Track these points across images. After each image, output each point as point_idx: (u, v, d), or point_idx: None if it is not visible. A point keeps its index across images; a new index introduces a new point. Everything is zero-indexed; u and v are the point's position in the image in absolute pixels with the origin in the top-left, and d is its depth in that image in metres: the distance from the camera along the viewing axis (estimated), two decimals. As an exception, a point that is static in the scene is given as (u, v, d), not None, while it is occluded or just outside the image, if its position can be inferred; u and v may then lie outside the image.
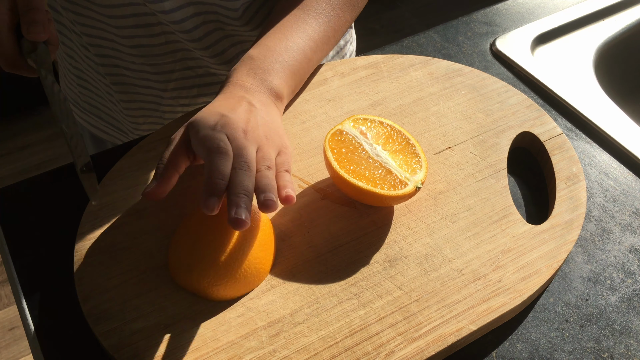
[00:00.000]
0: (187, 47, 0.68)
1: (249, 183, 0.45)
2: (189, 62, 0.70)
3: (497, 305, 0.47)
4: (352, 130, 0.54)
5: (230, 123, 0.48)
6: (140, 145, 0.59)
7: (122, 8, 0.62)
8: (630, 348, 0.48)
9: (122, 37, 0.66)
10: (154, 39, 0.66)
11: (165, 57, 0.69)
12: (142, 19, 0.64)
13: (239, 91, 0.53)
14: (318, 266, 0.49)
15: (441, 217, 0.53)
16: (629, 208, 0.57)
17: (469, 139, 0.60)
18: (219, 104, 0.51)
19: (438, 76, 0.66)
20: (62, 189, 0.58)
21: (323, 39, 0.60)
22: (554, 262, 0.50)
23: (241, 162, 0.46)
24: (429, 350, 0.44)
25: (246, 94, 0.53)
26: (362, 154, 0.52)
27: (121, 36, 0.66)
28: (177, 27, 0.64)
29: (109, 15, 0.63)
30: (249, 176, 0.45)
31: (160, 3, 0.60)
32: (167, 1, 0.60)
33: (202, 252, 0.46)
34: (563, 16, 0.78)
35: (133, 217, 0.53)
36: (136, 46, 0.67)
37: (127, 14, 0.63)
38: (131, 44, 0.66)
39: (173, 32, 0.66)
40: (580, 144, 0.63)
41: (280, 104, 0.56)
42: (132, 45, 0.67)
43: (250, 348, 0.45)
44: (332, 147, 0.52)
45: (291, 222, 0.53)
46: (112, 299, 0.47)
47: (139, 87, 0.72)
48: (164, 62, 0.69)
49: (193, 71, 0.71)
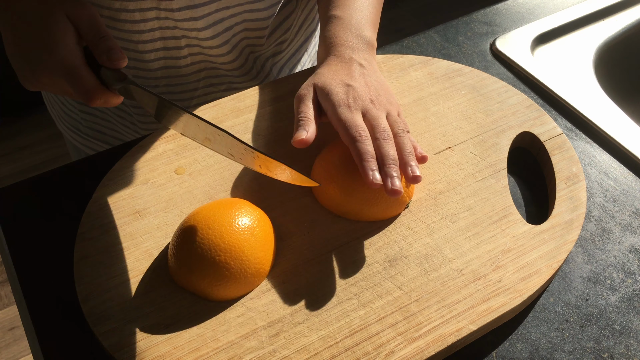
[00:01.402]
0: (213, 66, 0.69)
1: (393, 152, 0.51)
2: (212, 79, 0.71)
3: (497, 305, 0.47)
4: None
5: (358, 96, 0.54)
6: (140, 145, 0.59)
7: (150, 33, 0.63)
8: (630, 348, 0.48)
9: (147, 61, 0.66)
10: (181, 60, 0.67)
11: (189, 77, 0.69)
12: (170, 42, 0.65)
13: (347, 52, 0.57)
14: (318, 266, 0.49)
15: (441, 217, 0.53)
16: (629, 208, 0.57)
17: (469, 139, 0.60)
18: (336, 69, 0.56)
19: (438, 76, 0.66)
20: (62, 189, 0.58)
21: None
22: (554, 262, 0.50)
23: (382, 133, 0.52)
24: (429, 350, 0.44)
25: (353, 53, 0.57)
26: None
27: (146, 60, 0.66)
28: (207, 43, 0.65)
29: (136, 41, 0.63)
30: (391, 145, 0.51)
31: (193, 21, 0.62)
32: (200, 20, 0.62)
33: (202, 252, 0.46)
34: (563, 16, 0.78)
35: (133, 217, 0.53)
36: (161, 68, 0.67)
37: (155, 38, 0.64)
38: (156, 67, 0.67)
39: (200, 53, 0.67)
40: (580, 144, 0.63)
41: (374, 52, 0.61)
42: (157, 67, 0.67)
43: (250, 348, 0.45)
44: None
45: (291, 222, 0.53)
46: (112, 299, 0.47)
47: None
48: (187, 82, 0.70)
49: (216, 87, 0.72)
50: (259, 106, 0.63)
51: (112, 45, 0.48)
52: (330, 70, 0.56)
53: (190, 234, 0.47)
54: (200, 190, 0.55)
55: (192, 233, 0.47)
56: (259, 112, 0.62)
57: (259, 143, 0.59)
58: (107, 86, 0.48)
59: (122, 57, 0.48)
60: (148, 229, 0.52)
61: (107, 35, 0.48)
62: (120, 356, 0.44)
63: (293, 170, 0.49)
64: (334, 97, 0.53)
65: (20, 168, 1.82)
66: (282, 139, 0.60)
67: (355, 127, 0.51)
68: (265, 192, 0.55)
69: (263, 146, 0.59)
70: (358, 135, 0.51)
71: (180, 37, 0.64)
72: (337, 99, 0.53)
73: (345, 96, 0.54)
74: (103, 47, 0.48)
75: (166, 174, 0.56)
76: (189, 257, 0.46)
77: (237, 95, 0.64)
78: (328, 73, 0.56)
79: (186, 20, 0.62)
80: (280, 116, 0.62)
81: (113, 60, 0.48)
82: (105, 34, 0.48)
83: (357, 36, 0.59)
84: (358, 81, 0.55)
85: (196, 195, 0.55)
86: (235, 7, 0.64)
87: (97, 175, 0.57)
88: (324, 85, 0.55)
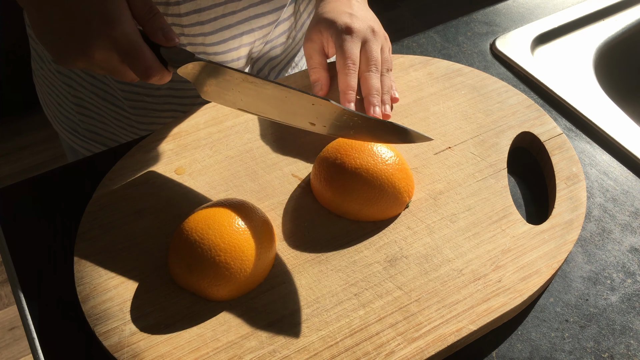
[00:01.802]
0: None
1: (378, 84, 0.60)
2: None
3: (497, 305, 0.47)
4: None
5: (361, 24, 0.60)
6: (140, 145, 0.59)
7: None
8: (630, 348, 0.48)
9: None
10: None
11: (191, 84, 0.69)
12: None
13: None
14: (318, 266, 0.49)
15: (441, 217, 0.53)
16: (629, 208, 0.57)
17: (469, 139, 0.60)
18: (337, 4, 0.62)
19: (438, 76, 0.66)
20: (62, 189, 0.58)
21: None
22: (554, 262, 0.50)
23: (373, 66, 0.59)
24: (429, 350, 0.44)
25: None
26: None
27: None
28: (213, 49, 0.66)
29: None
30: (378, 78, 0.60)
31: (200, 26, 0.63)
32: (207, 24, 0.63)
33: (202, 252, 0.46)
34: (563, 16, 0.78)
35: (133, 217, 0.53)
36: None
37: None
38: None
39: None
40: (580, 144, 0.63)
41: None
42: None
43: (250, 348, 0.45)
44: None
45: (291, 222, 0.53)
46: (112, 299, 0.47)
47: (159, 111, 0.72)
48: (190, 87, 0.70)
49: None
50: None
51: (164, 22, 0.48)
52: (331, 4, 0.62)
53: (190, 234, 0.47)
54: (200, 190, 0.55)
55: (192, 233, 0.47)
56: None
57: (260, 143, 0.59)
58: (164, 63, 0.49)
59: (175, 35, 0.49)
60: (148, 229, 0.52)
61: (158, 12, 0.48)
62: (120, 356, 0.44)
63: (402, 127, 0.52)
64: (337, 24, 0.59)
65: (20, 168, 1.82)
66: (283, 138, 0.60)
67: (349, 57, 0.58)
68: (265, 192, 0.55)
69: (264, 146, 0.59)
70: (347, 67, 0.58)
71: (186, 45, 0.64)
72: (341, 25, 0.59)
73: (350, 20, 0.59)
74: (157, 24, 0.48)
75: (166, 174, 0.56)
76: (189, 257, 0.46)
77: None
78: (330, 6, 0.62)
79: (193, 26, 0.62)
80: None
81: (169, 38, 0.48)
82: (157, 11, 0.48)
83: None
84: (359, 11, 0.61)
85: (196, 195, 0.55)
86: (242, 12, 0.64)
87: (97, 175, 0.57)
88: (327, 16, 0.60)
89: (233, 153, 0.58)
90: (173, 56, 0.49)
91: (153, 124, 0.73)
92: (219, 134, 0.60)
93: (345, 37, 0.59)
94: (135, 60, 0.47)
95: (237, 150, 0.58)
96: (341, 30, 0.59)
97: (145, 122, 0.73)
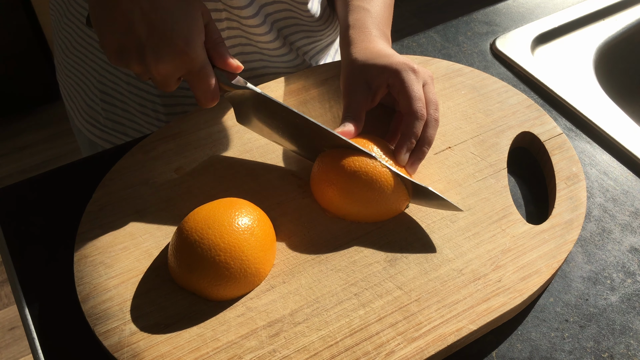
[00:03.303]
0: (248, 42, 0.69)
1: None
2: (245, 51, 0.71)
3: (497, 305, 0.47)
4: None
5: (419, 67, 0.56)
6: (140, 145, 0.59)
7: None
8: (630, 348, 0.48)
9: None
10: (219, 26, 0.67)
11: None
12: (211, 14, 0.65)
13: (378, 41, 0.59)
14: (318, 266, 0.49)
15: (441, 217, 0.53)
16: (629, 208, 0.57)
17: (469, 139, 0.60)
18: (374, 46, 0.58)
19: (438, 76, 0.66)
20: (62, 189, 0.58)
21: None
22: (554, 262, 0.50)
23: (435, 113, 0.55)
24: (429, 350, 0.44)
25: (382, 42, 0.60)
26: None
27: None
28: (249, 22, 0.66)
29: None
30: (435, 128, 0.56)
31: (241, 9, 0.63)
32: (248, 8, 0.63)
33: (202, 252, 0.46)
34: (563, 16, 0.78)
35: (133, 217, 0.53)
36: None
37: None
38: None
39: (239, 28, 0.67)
40: (580, 144, 0.63)
41: None
42: None
43: (250, 348, 0.45)
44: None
45: (291, 222, 0.53)
46: (112, 299, 0.47)
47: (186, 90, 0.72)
48: None
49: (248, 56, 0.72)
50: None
51: (225, 50, 0.50)
52: (370, 51, 0.58)
53: (190, 234, 0.47)
54: (200, 190, 0.55)
55: (192, 233, 0.47)
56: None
57: (260, 143, 0.59)
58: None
59: (239, 63, 0.51)
60: (148, 229, 0.52)
61: (222, 40, 0.51)
62: (120, 356, 0.44)
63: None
64: (395, 65, 0.55)
65: (20, 168, 1.82)
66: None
67: (421, 101, 0.54)
68: (265, 192, 0.55)
69: (264, 146, 0.59)
70: (420, 113, 0.53)
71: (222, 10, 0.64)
72: (400, 66, 0.55)
73: (407, 62, 0.55)
74: (225, 50, 0.50)
75: (166, 174, 0.56)
76: (189, 257, 0.46)
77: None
78: (371, 53, 0.57)
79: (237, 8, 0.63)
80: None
81: (235, 67, 0.51)
82: (221, 40, 0.51)
83: (380, 30, 0.61)
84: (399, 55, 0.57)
85: (196, 195, 0.55)
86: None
87: (97, 175, 0.57)
88: (375, 63, 0.56)
89: (233, 153, 0.58)
90: (228, 82, 0.51)
91: (178, 104, 0.72)
92: (219, 134, 0.60)
93: (410, 77, 0.55)
94: (200, 83, 0.49)
95: (237, 150, 0.58)
96: (408, 71, 0.55)
97: (170, 104, 0.72)
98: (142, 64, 0.48)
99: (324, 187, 0.52)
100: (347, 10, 0.63)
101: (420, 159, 0.54)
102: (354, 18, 0.61)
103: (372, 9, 0.62)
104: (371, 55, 0.57)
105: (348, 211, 0.52)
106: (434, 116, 0.55)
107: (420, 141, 0.54)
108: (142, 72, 0.49)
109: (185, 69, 0.48)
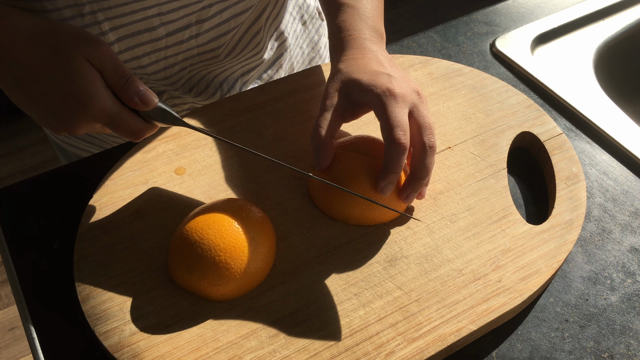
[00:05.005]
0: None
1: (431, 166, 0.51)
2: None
3: (497, 305, 0.47)
4: None
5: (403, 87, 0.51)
6: (140, 145, 0.59)
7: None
8: (630, 348, 0.48)
9: None
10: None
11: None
12: None
13: (367, 45, 0.55)
14: (318, 266, 0.49)
15: (441, 217, 0.53)
16: (629, 208, 0.57)
17: (469, 139, 0.60)
18: (365, 62, 0.53)
19: (438, 76, 0.66)
20: (62, 189, 0.58)
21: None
22: (554, 262, 0.50)
23: (432, 140, 0.50)
24: (429, 350, 0.44)
25: (373, 46, 0.55)
26: None
27: None
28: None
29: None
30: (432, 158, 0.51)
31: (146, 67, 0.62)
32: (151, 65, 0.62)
33: (202, 252, 0.46)
34: (563, 16, 0.78)
35: (133, 217, 0.53)
36: None
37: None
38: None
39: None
40: (580, 144, 0.63)
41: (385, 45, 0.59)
42: None
43: (250, 348, 0.45)
44: None
45: (291, 222, 0.53)
46: (112, 299, 0.47)
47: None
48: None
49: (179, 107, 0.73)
50: (259, 106, 0.63)
51: (138, 86, 0.46)
52: (357, 63, 0.53)
53: (190, 234, 0.47)
54: (200, 190, 0.55)
55: (192, 233, 0.47)
56: (259, 112, 0.62)
57: (259, 143, 0.59)
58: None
59: (153, 95, 0.47)
60: (148, 229, 0.52)
61: (131, 76, 0.46)
62: (120, 356, 0.44)
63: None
64: (377, 88, 0.50)
65: (20, 168, 1.82)
66: (282, 138, 0.60)
67: (400, 127, 0.48)
68: (265, 192, 0.55)
69: (263, 147, 0.59)
70: (400, 142, 0.48)
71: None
72: (382, 88, 0.50)
73: (390, 85, 0.50)
74: (132, 89, 0.46)
75: (166, 174, 0.56)
76: (189, 257, 0.46)
77: (237, 95, 0.64)
78: (357, 65, 0.53)
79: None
80: (280, 116, 0.62)
81: (146, 102, 0.47)
82: (129, 75, 0.46)
83: (371, 28, 0.57)
84: (395, 72, 0.52)
85: (196, 195, 0.55)
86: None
87: (96, 175, 0.57)
88: (359, 78, 0.51)
89: (233, 153, 0.58)
90: (154, 116, 0.48)
91: None
92: (218, 134, 0.60)
93: (389, 102, 0.49)
94: (118, 130, 0.47)
95: (237, 150, 0.58)
96: (382, 94, 0.49)
97: None
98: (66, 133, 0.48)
99: (322, 193, 0.52)
100: (334, 11, 0.58)
101: (415, 190, 0.50)
102: (341, 20, 0.57)
103: (361, 6, 0.58)
104: (357, 68, 0.52)
105: (350, 215, 0.52)
106: (428, 143, 0.49)
107: (416, 172, 0.50)
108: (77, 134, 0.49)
109: (99, 122, 0.46)
